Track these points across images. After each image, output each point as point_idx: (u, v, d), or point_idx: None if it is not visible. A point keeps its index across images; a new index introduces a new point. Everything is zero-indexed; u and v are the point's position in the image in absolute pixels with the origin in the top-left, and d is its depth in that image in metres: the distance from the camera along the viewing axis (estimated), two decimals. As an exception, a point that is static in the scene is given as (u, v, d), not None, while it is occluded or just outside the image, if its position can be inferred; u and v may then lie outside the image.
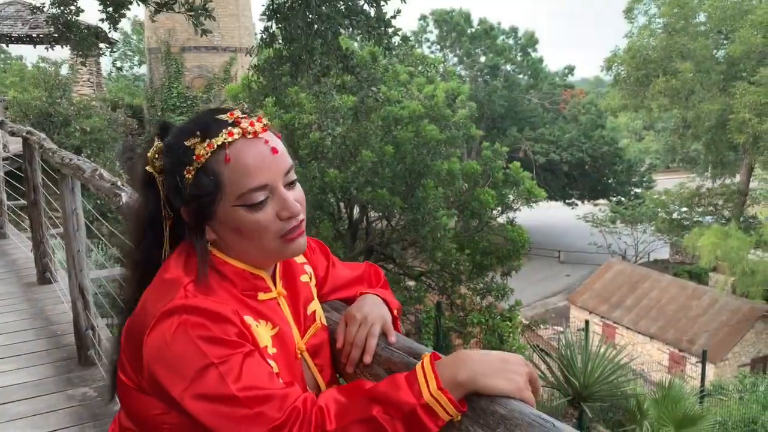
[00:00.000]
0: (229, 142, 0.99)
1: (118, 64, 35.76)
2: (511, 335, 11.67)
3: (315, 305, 1.24)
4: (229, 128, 1.00)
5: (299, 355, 1.13)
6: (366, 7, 4.79)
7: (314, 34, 4.53)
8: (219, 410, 0.89)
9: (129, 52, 38.24)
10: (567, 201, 37.35)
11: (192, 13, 3.86)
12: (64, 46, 7.38)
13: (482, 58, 36.60)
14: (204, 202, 1.00)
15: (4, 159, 9.33)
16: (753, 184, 28.82)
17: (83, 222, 4.08)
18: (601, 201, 36.38)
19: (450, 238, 11.67)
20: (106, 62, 36.00)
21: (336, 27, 4.51)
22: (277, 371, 1.01)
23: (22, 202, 8.02)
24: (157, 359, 0.93)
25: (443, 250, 11.35)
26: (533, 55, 37.30)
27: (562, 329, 22.87)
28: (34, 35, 17.23)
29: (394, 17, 4.98)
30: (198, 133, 1.01)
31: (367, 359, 1.15)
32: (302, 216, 1.07)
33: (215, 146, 0.98)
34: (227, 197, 0.99)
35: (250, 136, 1.01)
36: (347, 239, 13.17)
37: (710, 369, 17.39)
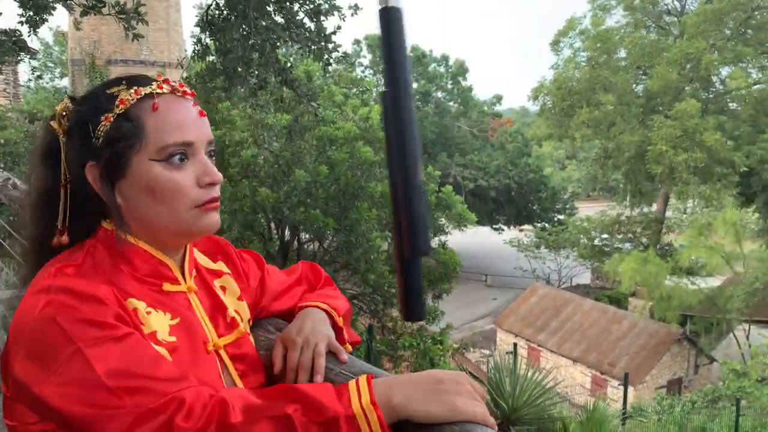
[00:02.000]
0: (158, 93, 0.92)
1: (37, 73, 34.23)
2: (441, 359, 11.66)
3: (234, 313, 1.09)
4: (159, 83, 0.94)
5: (212, 350, 0.99)
6: (306, 21, 4.72)
7: (251, 46, 4.40)
8: (82, 397, 0.76)
9: (50, 64, 36.68)
10: (494, 226, 38.21)
11: (123, 16, 3.66)
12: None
13: (414, 84, 37.20)
14: (120, 149, 0.90)
15: None
16: (668, 213, 30.37)
17: (-8, 237, 3.76)
18: (526, 226, 37.44)
19: (383, 261, 11.62)
20: (24, 73, 34.42)
21: (274, 39, 4.40)
22: (169, 360, 0.88)
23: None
24: (15, 345, 0.79)
25: (376, 273, 11.28)
26: (463, 83, 38.24)
27: (489, 352, 23.18)
28: (-55, 40, 16.25)
29: (334, 33, 4.92)
30: (123, 82, 0.94)
31: (319, 380, 1.02)
32: (218, 192, 0.98)
33: (142, 94, 0.92)
34: (146, 148, 0.90)
35: (179, 94, 0.95)
36: (278, 261, 12.89)
37: (630, 391, 17.97)
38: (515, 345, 14.13)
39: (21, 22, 4.93)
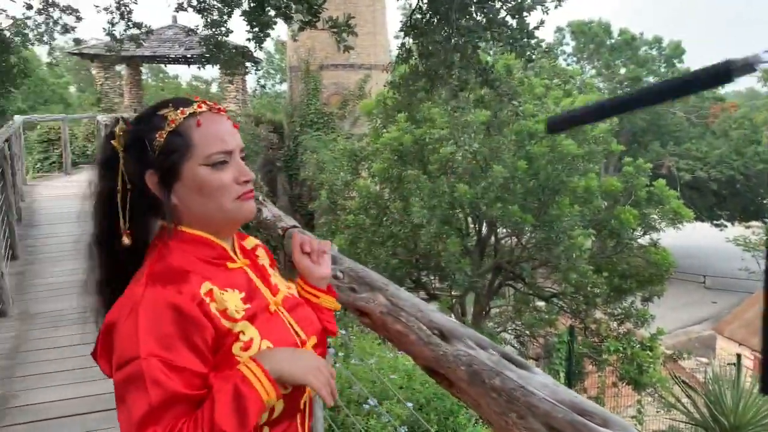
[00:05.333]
0: (200, 112, 1.13)
1: (262, 81, 37.93)
2: (651, 366, 10.86)
3: (276, 279, 1.30)
4: (199, 103, 1.15)
5: (274, 309, 1.19)
6: (508, 18, 4.64)
7: (453, 48, 4.45)
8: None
9: (271, 71, 40.45)
10: (715, 222, 34.77)
11: (335, 30, 3.95)
12: (214, 65, 7.84)
13: (622, 70, 35.13)
14: (174, 158, 1.10)
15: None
16: None
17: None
18: (754, 223, 33.56)
19: (586, 259, 11.09)
20: (250, 80, 38.35)
21: (476, 40, 4.40)
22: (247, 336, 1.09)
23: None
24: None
25: (578, 272, 10.79)
26: (679, 65, 35.27)
27: (707, 360, 21.13)
28: (189, 56, 18.66)
29: (537, 28, 4.78)
30: (171, 105, 1.14)
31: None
32: (252, 186, 1.18)
33: (187, 113, 1.12)
34: (195, 156, 1.11)
35: (215, 112, 1.16)
36: (475, 256, 12.93)
37: None
38: (739, 356, 12.73)
39: (249, 39, 5.53)
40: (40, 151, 15.92)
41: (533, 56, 4.91)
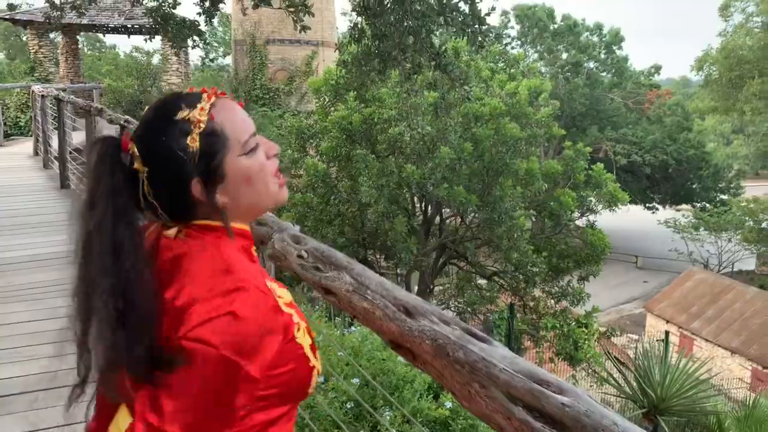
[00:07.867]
0: (212, 104, 1.03)
1: (204, 55, 36.91)
2: (586, 342, 11.34)
3: None
4: (208, 94, 1.05)
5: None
6: (461, 4, 4.72)
7: (406, 31, 4.51)
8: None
9: (215, 44, 39.42)
10: (647, 205, 36.09)
11: (292, 9, 3.93)
12: (162, 38, 7.61)
13: (564, 55, 35.79)
14: (217, 160, 1.02)
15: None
16: None
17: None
18: (684, 206, 35.01)
19: (526, 239, 11.43)
20: (192, 54, 37.26)
21: (429, 24, 4.47)
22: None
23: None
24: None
25: (519, 251, 11.14)
26: (618, 52, 36.19)
27: (637, 337, 22.10)
28: (129, 26, 18.02)
29: (488, 14, 4.88)
30: (182, 105, 1.02)
31: None
32: (278, 159, 1.13)
33: (206, 109, 1.02)
34: (233, 149, 1.03)
35: (220, 97, 1.07)
36: (420, 235, 13.13)
37: (799, 390, 16.36)
38: (667, 332, 13.42)
39: (199, 13, 5.42)
40: (-32, 121, 15.15)
41: (485, 43, 5.01)
